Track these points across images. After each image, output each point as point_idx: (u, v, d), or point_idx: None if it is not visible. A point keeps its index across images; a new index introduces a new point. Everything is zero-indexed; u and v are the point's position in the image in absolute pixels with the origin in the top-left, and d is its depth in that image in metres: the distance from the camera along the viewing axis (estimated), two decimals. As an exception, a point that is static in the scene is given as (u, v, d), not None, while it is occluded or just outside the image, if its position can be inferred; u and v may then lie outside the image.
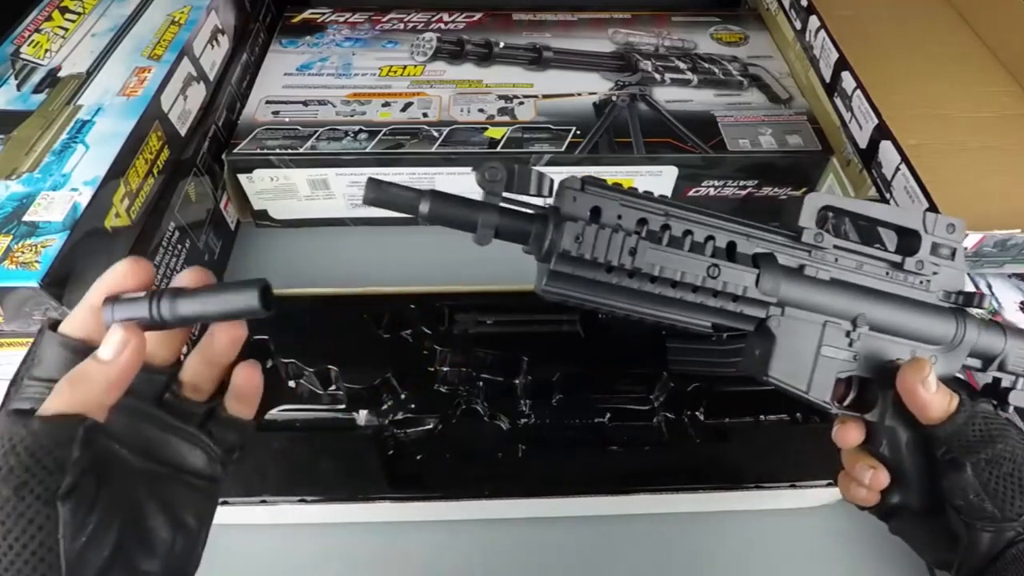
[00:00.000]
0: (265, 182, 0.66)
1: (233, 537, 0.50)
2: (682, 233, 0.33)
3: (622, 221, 0.32)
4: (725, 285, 0.33)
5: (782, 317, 0.35)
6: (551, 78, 0.74)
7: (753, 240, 0.35)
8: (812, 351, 0.36)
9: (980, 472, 0.33)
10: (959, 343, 0.37)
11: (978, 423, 0.34)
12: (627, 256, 0.32)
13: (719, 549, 0.51)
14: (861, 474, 0.37)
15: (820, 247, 0.36)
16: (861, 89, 0.57)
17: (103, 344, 0.27)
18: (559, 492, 0.49)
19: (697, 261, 0.33)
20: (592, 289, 0.33)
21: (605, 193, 0.32)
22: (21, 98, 0.54)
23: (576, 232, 0.31)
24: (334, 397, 0.54)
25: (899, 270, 0.37)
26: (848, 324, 0.36)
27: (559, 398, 0.53)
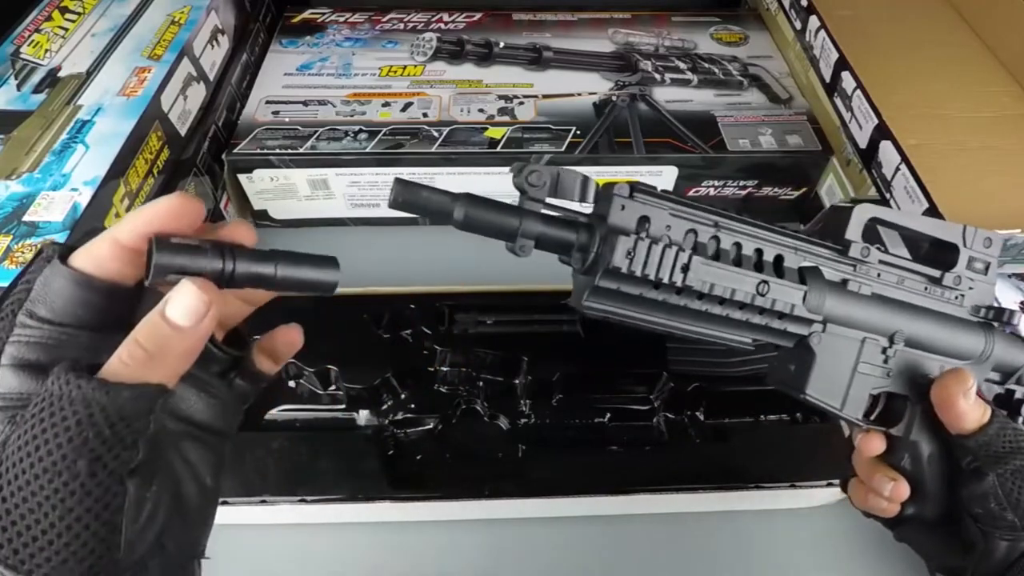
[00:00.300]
0: (265, 182, 0.66)
1: (233, 537, 0.50)
2: (731, 246, 0.32)
3: (671, 232, 0.30)
4: (774, 303, 0.32)
5: (823, 334, 0.34)
6: (551, 78, 0.74)
7: (801, 253, 0.34)
8: (849, 368, 0.35)
9: (1004, 482, 0.33)
10: (987, 358, 0.37)
11: (1008, 435, 0.34)
12: (679, 273, 0.30)
13: (719, 549, 0.51)
14: (881, 485, 0.37)
15: (866, 262, 0.35)
16: (861, 89, 0.57)
17: (174, 304, 0.23)
18: (559, 492, 0.49)
19: (748, 278, 0.31)
20: (636, 306, 0.31)
21: (655, 202, 0.30)
22: (21, 98, 0.54)
23: (628, 247, 0.29)
24: (334, 397, 0.54)
25: (937, 285, 0.37)
26: (885, 340, 0.36)
27: (559, 398, 0.53)
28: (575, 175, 0.29)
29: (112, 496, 0.21)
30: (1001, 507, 0.33)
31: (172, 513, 0.25)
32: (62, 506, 0.21)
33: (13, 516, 0.21)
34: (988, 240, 0.37)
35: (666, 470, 0.50)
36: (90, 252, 0.24)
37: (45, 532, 0.21)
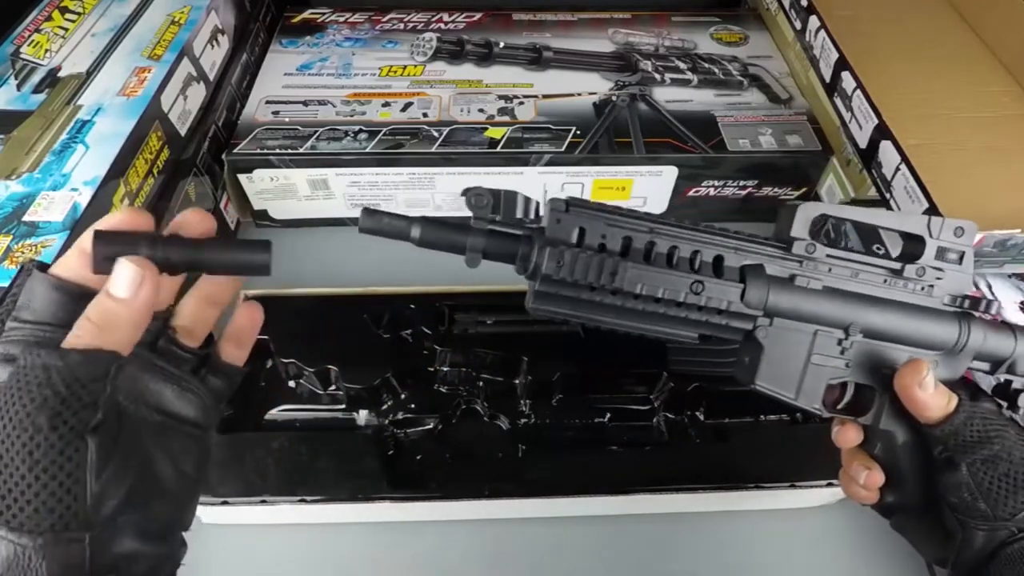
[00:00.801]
0: (265, 182, 0.66)
1: (233, 537, 0.50)
2: (667, 249, 0.34)
3: (607, 240, 0.33)
4: (708, 300, 0.34)
5: (770, 327, 0.36)
6: (551, 78, 0.74)
7: (742, 253, 0.35)
8: (802, 359, 0.37)
9: (975, 472, 0.34)
10: (962, 347, 0.37)
11: (976, 423, 0.34)
12: (608, 276, 0.33)
13: (719, 549, 0.51)
14: (856, 473, 0.38)
15: (812, 258, 0.36)
16: (861, 89, 0.57)
17: (113, 280, 0.27)
18: (559, 492, 0.49)
19: (679, 278, 0.34)
20: (578, 306, 0.34)
21: (590, 213, 0.33)
22: (21, 98, 0.54)
23: (556, 256, 0.32)
24: (334, 397, 0.54)
25: (898, 277, 0.37)
26: (840, 332, 0.37)
27: (559, 398, 0.53)
28: (517, 196, 0.33)
29: (73, 450, 0.24)
30: (974, 497, 0.33)
31: (144, 483, 0.28)
32: (30, 459, 0.24)
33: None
34: (959, 229, 0.37)
35: (666, 470, 0.50)
36: (63, 261, 0.28)
37: (17, 484, 0.23)
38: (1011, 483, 0.33)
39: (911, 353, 0.37)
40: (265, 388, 0.55)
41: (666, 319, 0.35)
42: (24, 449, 0.24)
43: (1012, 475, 0.33)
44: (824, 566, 0.50)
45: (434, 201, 0.68)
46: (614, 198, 0.69)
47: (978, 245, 0.47)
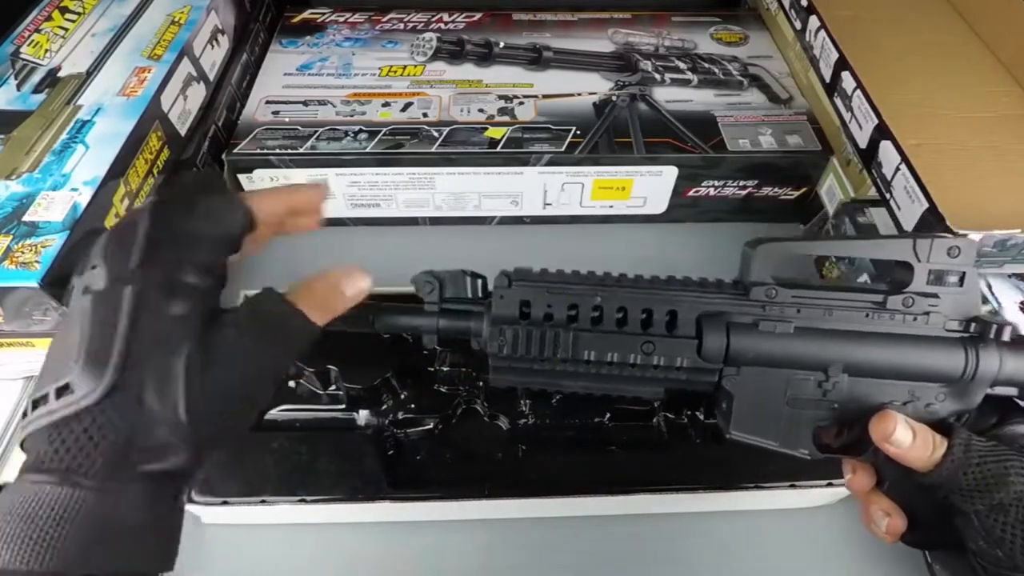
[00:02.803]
0: (265, 182, 0.66)
1: (233, 537, 0.50)
2: (616, 311, 0.34)
3: (553, 309, 0.34)
4: (661, 359, 0.33)
5: (738, 376, 0.34)
6: (551, 78, 0.74)
7: (699, 304, 0.34)
8: (779, 405, 0.35)
9: (984, 520, 0.31)
10: (972, 376, 0.34)
11: (972, 471, 0.31)
12: (551, 348, 0.33)
13: (719, 549, 0.51)
14: (876, 519, 0.35)
15: (774, 302, 0.34)
16: (861, 89, 0.57)
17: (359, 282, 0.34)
18: (559, 492, 0.49)
19: (628, 339, 0.33)
20: (535, 375, 0.35)
21: (533, 285, 0.34)
22: (21, 98, 0.54)
23: (497, 335, 0.33)
24: (334, 397, 0.54)
25: (882, 310, 0.34)
26: (819, 374, 0.34)
27: (559, 398, 0.53)
28: (463, 275, 0.35)
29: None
30: (989, 545, 0.31)
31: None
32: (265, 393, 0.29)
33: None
34: (954, 249, 0.34)
35: (666, 470, 0.50)
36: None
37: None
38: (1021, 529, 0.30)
39: (912, 387, 0.34)
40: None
41: (625, 379, 0.35)
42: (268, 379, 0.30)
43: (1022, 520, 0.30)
44: (824, 566, 0.50)
45: (434, 201, 0.68)
46: (614, 198, 0.69)
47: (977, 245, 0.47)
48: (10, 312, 0.44)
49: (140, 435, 0.25)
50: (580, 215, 0.71)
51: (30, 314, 0.44)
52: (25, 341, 0.47)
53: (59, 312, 0.44)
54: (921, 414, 0.34)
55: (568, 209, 0.70)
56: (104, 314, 0.26)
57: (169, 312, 0.27)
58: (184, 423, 0.26)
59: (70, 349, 0.26)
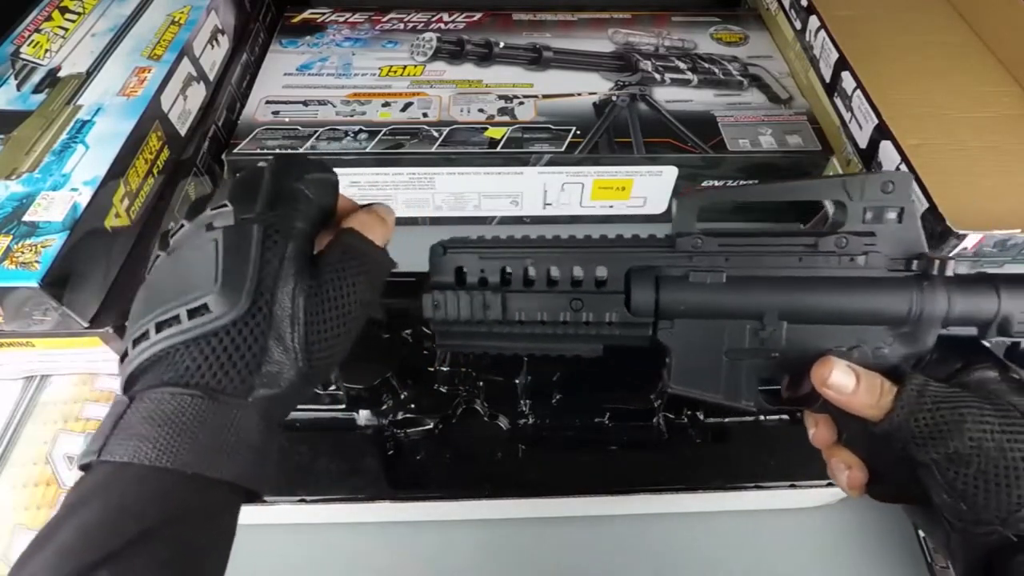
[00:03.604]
0: (265, 182, 0.66)
1: (233, 537, 0.50)
2: (546, 271, 0.34)
3: (486, 273, 0.35)
4: (591, 315, 0.34)
5: (672, 329, 0.34)
6: (551, 78, 0.74)
7: (626, 258, 0.34)
8: (718, 356, 0.34)
9: (944, 471, 0.29)
10: (919, 316, 0.32)
11: (923, 416, 0.29)
12: (482, 310, 0.34)
13: (719, 549, 0.51)
14: (837, 473, 0.34)
15: (701, 251, 0.34)
16: (861, 89, 0.57)
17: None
18: (559, 492, 0.49)
19: (557, 298, 0.34)
20: (474, 339, 0.36)
21: (464, 251, 0.35)
22: (21, 98, 0.54)
23: (431, 301, 0.35)
24: (334, 397, 0.54)
25: (814, 252, 0.33)
26: (756, 323, 0.34)
27: (559, 398, 0.53)
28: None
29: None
30: (952, 498, 0.29)
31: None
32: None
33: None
34: (889, 184, 0.32)
35: (666, 470, 0.50)
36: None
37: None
38: (989, 482, 0.28)
39: (859, 332, 0.33)
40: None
41: (560, 338, 0.35)
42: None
43: (988, 471, 0.28)
44: (824, 566, 0.50)
45: (434, 201, 0.68)
46: (614, 198, 0.69)
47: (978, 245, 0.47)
48: (10, 312, 0.44)
49: (265, 359, 0.27)
50: (580, 215, 0.71)
51: (30, 314, 0.44)
52: (25, 341, 0.47)
53: (59, 312, 0.44)
54: (871, 360, 0.33)
55: (568, 209, 0.70)
56: (237, 244, 0.28)
57: (287, 251, 0.29)
58: (301, 351, 0.28)
59: (199, 275, 0.28)
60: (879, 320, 0.33)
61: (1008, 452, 0.28)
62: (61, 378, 0.52)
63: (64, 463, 0.47)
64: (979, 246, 0.48)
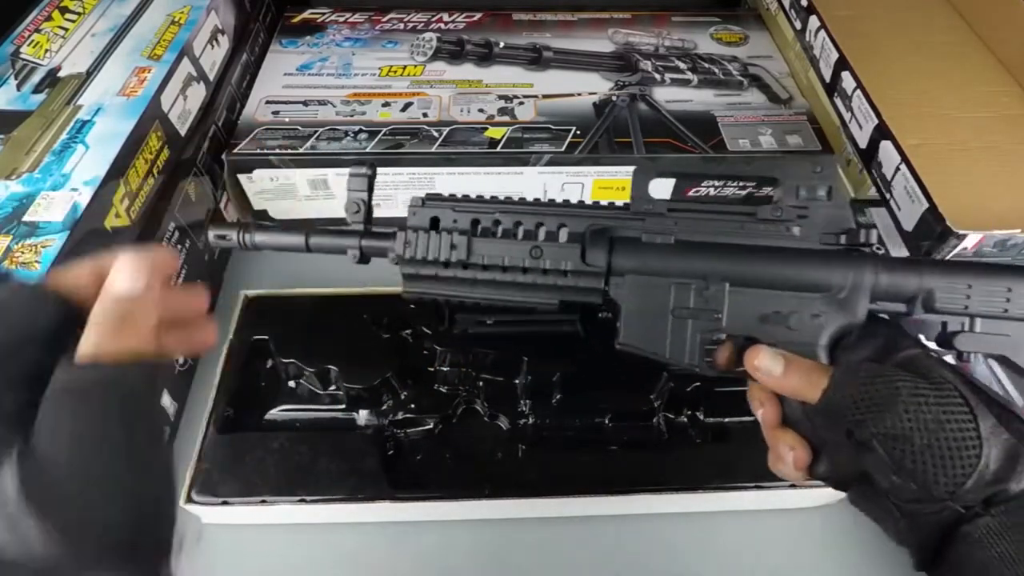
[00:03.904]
0: (265, 182, 0.66)
1: (233, 537, 0.50)
2: (512, 224, 0.38)
3: (457, 224, 0.38)
4: (549, 263, 0.37)
5: (623, 286, 0.37)
6: (551, 78, 0.74)
7: (585, 219, 0.37)
8: (665, 315, 0.36)
9: (889, 450, 0.28)
10: (849, 286, 0.34)
11: (859, 392, 0.29)
12: (449, 250, 0.37)
13: (719, 549, 0.51)
14: (783, 455, 0.34)
15: (654, 213, 0.37)
16: (861, 89, 0.57)
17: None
18: (559, 492, 0.49)
19: (519, 245, 0.37)
20: (439, 284, 0.39)
21: (442, 204, 0.38)
22: (21, 98, 0.54)
23: (404, 239, 0.38)
24: (334, 397, 0.54)
25: (754, 220, 0.36)
26: (699, 283, 0.36)
27: (559, 398, 0.53)
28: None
29: None
30: (902, 478, 0.28)
31: None
32: None
33: None
34: (818, 165, 0.36)
35: (666, 470, 0.50)
36: None
37: None
38: (935, 455, 0.27)
39: (797, 298, 0.35)
40: (265, 388, 0.55)
41: (519, 287, 0.38)
42: None
43: (933, 446, 0.27)
44: (824, 566, 0.50)
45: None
46: (614, 198, 0.69)
47: (978, 245, 0.47)
48: (10, 312, 0.44)
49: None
50: (580, 215, 0.71)
51: (30, 314, 0.44)
52: (25, 341, 0.47)
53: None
54: (809, 326, 0.35)
55: (568, 209, 0.70)
56: None
57: None
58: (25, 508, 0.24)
59: None
60: (812, 287, 0.35)
61: (946, 424, 0.28)
62: (61, 378, 0.52)
63: (64, 463, 0.47)
64: (979, 246, 0.48)
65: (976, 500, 0.27)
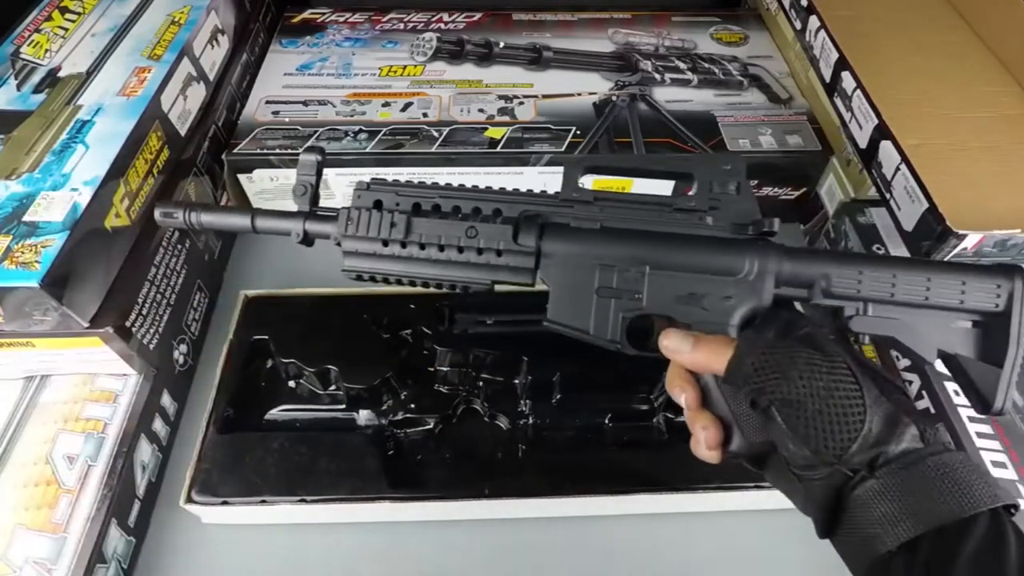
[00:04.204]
0: (265, 182, 0.66)
1: (233, 537, 0.50)
2: (452, 208, 0.40)
3: (400, 206, 0.40)
4: (483, 242, 0.39)
5: (552, 267, 0.39)
6: (551, 78, 0.74)
7: (520, 205, 0.40)
8: (590, 294, 0.39)
9: (786, 416, 0.30)
10: (755, 272, 0.37)
11: (757, 360, 0.32)
12: (389, 228, 0.39)
13: (719, 549, 0.51)
14: (699, 435, 0.36)
15: (582, 201, 0.40)
16: (861, 89, 0.57)
17: None
18: (559, 492, 0.49)
19: (456, 225, 0.39)
20: (379, 261, 0.40)
21: (387, 187, 0.40)
22: (21, 98, 0.54)
23: (346, 217, 0.40)
24: (334, 397, 0.54)
25: (671, 210, 0.39)
26: (623, 265, 0.38)
27: (559, 398, 0.53)
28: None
29: None
30: (797, 445, 0.30)
31: None
32: None
33: None
34: (727, 162, 0.39)
35: (666, 470, 0.50)
36: None
37: None
38: (824, 421, 0.30)
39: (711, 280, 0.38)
40: (265, 388, 0.55)
41: (456, 265, 0.40)
42: None
43: (824, 411, 0.30)
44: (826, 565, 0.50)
45: (434, 201, 0.68)
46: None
47: (978, 245, 0.47)
48: (10, 312, 0.44)
49: None
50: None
51: (30, 314, 0.44)
52: (25, 341, 0.47)
53: (59, 312, 0.44)
54: (721, 307, 0.38)
55: (568, 209, 0.70)
56: None
57: None
58: None
59: None
60: (723, 271, 0.38)
61: (835, 391, 0.30)
62: (61, 378, 0.52)
63: (64, 463, 0.47)
64: (979, 246, 0.48)
65: (862, 463, 0.30)
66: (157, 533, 0.50)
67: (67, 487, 0.46)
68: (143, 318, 0.51)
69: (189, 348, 0.58)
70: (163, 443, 0.53)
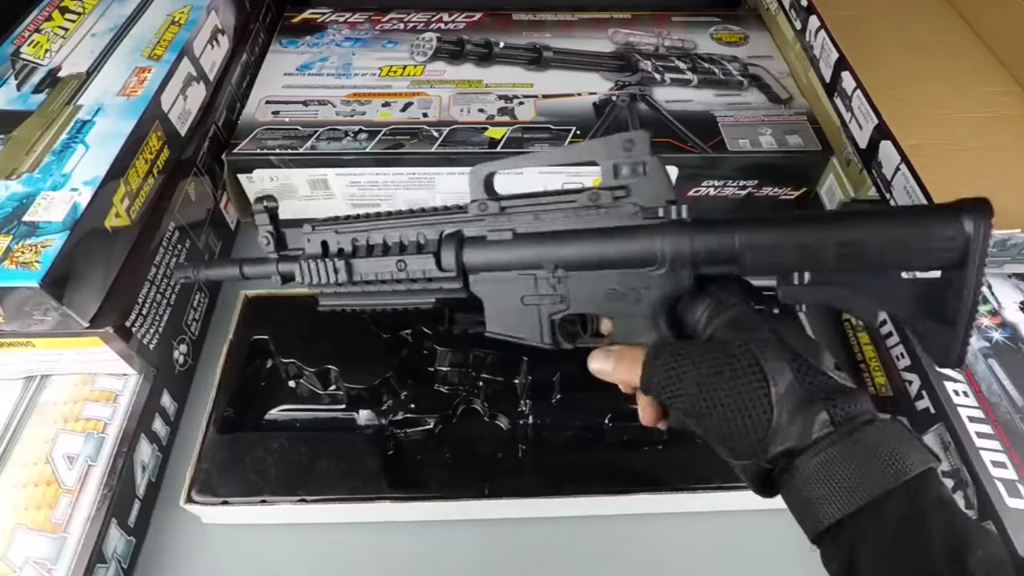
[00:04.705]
0: (265, 182, 0.66)
1: (233, 537, 0.50)
2: (381, 241, 0.42)
3: (342, 245, 0.43)
4: (412, 273, 0.41)
5: (479, 282, 0.40)
6: (551, 78, 0.74)
7: (438, 226, 0.41)
8: (517, 302, 0.40)
9: (695, 426, 0.32)
10: (670, 256, 0.35)
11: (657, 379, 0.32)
12: (334, 274, 0.42)
13: (719, 549, 0.51)
14: (640, 410, 0.37)
15: (489, 214, 0.39)
16: (861, 89, 0.57)
17: None
18: (559, 492, 0.49)
19: (386, 261, 0.41)
20: (342, 299, 0.44)
21: (328, 228, 0.44)
22: (21, 98, 0.54)
23: (303, 272, 0.43)
24: (334, 397, 0.54)
25: (577, 206, 0.37)
26: (538, 271, 0.39)
27: (559, 398, 0.53)
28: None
29: None
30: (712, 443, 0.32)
31: None
32: None
33: None
34: (629, 143, 0.36)
35: (666, 470, 0.50)
36: None
37: None
38: (731, 426, 0.30)
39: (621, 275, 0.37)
40: (265, 388, 0.55)
41: (400, 294, 0.42)
42: None
43: (729, 418, 0.30)
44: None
45: (434, 202, 0.68)
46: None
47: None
48: (10, 312, 0.44)
49: None
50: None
51: (30, 314, 0.44)
52: (25, 341, 0.47)
53: (59, 312, 0.44)
54: (645, 297, 0.37)
55: (568, 209, 0.70)
56: None
57: None
58: None
59: None
60: (637, 263, 0.36)
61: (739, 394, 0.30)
62: (61, 378, 0.52)
63: (64, 463, 0.47)
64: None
65: (777, 456, 0.30)
66: (157, 533, 0.50)
67: (67, 487, 0.46)
68: (143, 318, 0.51)
69: (189, 348, 0.58)
70: (163, 443, 0.53)
